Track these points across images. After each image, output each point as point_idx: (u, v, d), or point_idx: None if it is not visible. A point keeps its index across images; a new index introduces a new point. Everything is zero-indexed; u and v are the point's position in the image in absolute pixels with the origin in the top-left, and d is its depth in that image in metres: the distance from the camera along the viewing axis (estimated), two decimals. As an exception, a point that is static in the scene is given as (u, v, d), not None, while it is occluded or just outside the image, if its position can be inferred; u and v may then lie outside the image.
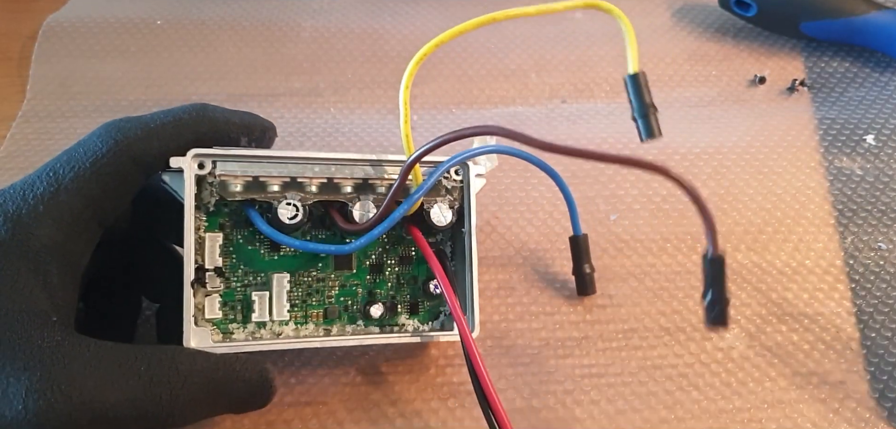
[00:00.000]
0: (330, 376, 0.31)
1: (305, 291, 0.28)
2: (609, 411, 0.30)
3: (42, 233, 0.24)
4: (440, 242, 0.30)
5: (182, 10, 0.47)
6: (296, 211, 0.26)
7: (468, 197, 0.29)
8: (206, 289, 0.27)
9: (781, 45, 0.46)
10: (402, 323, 0.29)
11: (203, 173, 0.26)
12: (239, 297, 0.27)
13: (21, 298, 0.23)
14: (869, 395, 0.31)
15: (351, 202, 0.27)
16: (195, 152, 0.26)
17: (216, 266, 0.27)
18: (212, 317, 0.27)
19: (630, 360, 0.32)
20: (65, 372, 0.22)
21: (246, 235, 0.27)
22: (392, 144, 0.40)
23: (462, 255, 0.29)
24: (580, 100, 0.43)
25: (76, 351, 0.23)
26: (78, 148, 0.25)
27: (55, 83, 0.43)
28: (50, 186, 0.24)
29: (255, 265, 0.28)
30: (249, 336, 0.27)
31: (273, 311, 0.28)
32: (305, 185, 0.27)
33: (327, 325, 0.28)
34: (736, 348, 0.32)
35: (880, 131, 0.41)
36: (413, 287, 0.29)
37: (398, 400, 0.30)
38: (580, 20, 0.49)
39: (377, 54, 0.46)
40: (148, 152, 0.25)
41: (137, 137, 0.25)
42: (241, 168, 0.26)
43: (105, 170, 0.25)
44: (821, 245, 0.36)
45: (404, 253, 0.29)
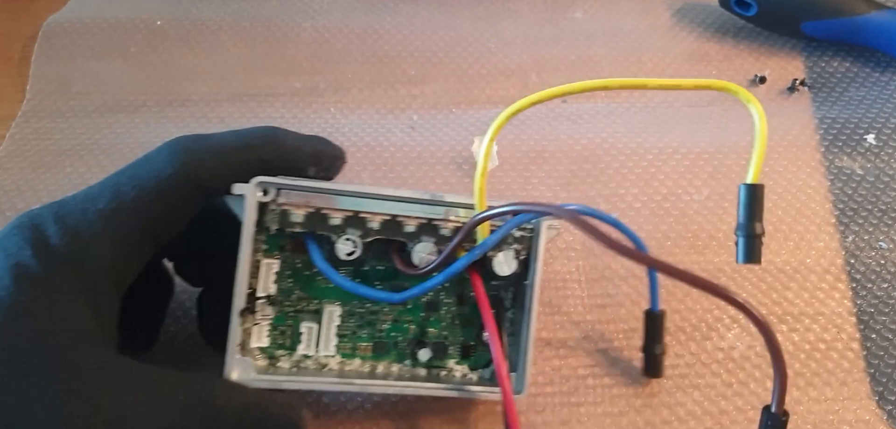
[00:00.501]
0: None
1: (357, 321, 0.27)
2: (611, 411, 0.30)
3: (98, 251, 0.23)
4: (500, 287, 0.28)
5: (182, 10, 0.47)
6: (353, 248, 0.26)
7: (536, 248, 0.27)
8: (254, 317, 0.26)
9: (782, 45, 0.46)
10: (450, 368, 0.28)
11: (266, 200, 0.25)
12: (290, 322, 0.27)
13: (70, 317, 0.22)
14: (869, 396, 0.31)
15: (412, 242, 0.26)
16: (258, 180, 0.25)
17: (269, 294, 0.26)
18: (259, 345, 0.26)
19: (631, 360, 0.32)
20: (108, 399, 0.22)
21: (304, 260, 0.27)
22: (391, 143, 0.40)
23: (522, 305, 0.28)
24: (580, 100, 0.43)
25: (120, 375, 0.22)
26: (143, 165, 0.24)
27: (55, 83, 0.43)
28: (111, 202, 0.23)
29: (311, 292, 0.27)
30: (294, 366, 0.27)
31: (320, 345, 0.27)
32: (367, 220, 0.26)
33: (375, 359, 0.28)
34: (736, 348, 0.32)
35: (881, 131, 0.41)
36: (467, 330, 0.28)
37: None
38: (580, 20, 0.49)
39: (377, 54, 0.46)
40: (214, 177, 0.24)
41: (205, 160, 0.24)
42: (304, 198, 0.25)
43: (169, 192, 0.24)
44: (821, 244, 0.36)
45: (463, 293, 0.28)
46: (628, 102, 0.43)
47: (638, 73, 0.45)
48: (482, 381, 0.28)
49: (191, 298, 0.31)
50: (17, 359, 0.21)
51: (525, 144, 0.40)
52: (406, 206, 0.26)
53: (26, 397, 0.21)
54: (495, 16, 0.49)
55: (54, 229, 0.23)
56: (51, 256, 0.22)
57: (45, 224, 0.23)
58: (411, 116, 0.42)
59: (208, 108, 0.42)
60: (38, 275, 0.22)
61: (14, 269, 0.22)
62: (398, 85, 0.44)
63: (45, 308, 0.22)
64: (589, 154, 0.40)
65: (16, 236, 0.22)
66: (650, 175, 0.38)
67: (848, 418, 0.30)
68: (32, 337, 0.21)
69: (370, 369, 0.28)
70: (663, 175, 0.38)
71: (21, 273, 0.22)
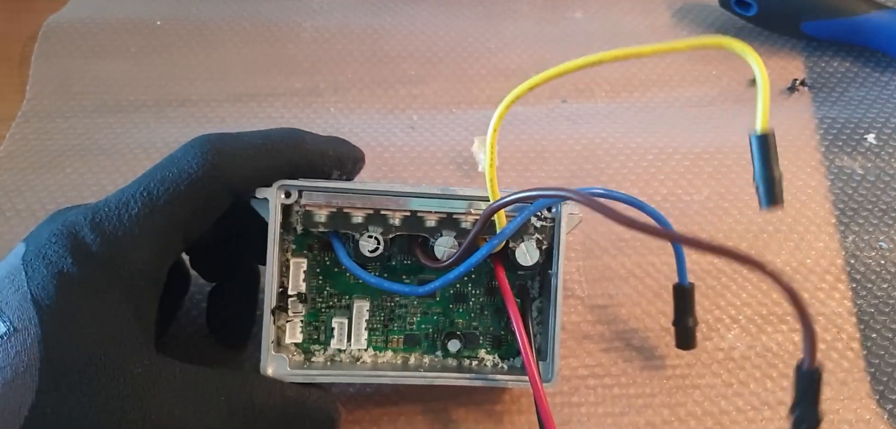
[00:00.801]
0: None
1: (387, 315, 0.28)
2: (611, 411, 0.30)
3: (137, 256, 0.23)
4: (525, 277, 0.28)
5: (182, 10, 0.47)
6: (376, 244, 0.26)
7: (558, 236, 0.27)
8: (287, 315, 0.27)
9: (782, 45, 0.46)
10: (481, 358, 0.28)
11: (289, 203, 0.26)
12: (322, 318, 0.27)
13: (115, 323, 0.22)
14: (869, 395, 0.31)
15: (433, 237, 0.27)
16: (281, 184, 0.25)
17: (299, 291, 0.27)
18: (292, 340, 0.27)
19: (632, 360, 0.32)
20: (155, 402, 0.22)
21: (332, 258, 0.27)
22: (391, 143, 0.40)
23: (548, 294, 0.28)
24: (580, 100, 0.43)
25: (164, 377, 0.23)
26: (171, 166, 0.24)
27: (55, 83, 0.43)
28: (145, 207, 0.24)
29: (340, 288, 0.28)
30: (328, 361, 0.27)
31: (352, 339, 0.28)
32: (388, 217, 0.26)
33: (406, 352, 0.28)
34: (737, 348, 0.32)
35: (881, 130, 0.41)
36: (497, 319, 0.29)
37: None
38: (580, 20, 0.49)
39: (377, 54, 0.46)
40: (241, 177, 0.25)
41: (233, 160, 0.25)
42: (326, 198, 0.26)
43: (198, 192, 0.24)
44: (821, 245, 0.36)
45: (491, 284, 0.28)
46: (628, 102, 0.43)
47: (638, 73, 0.45)
48: (513, 370, 0.28)
49: (198, 291, 0.32)
50: (67, 367, 0.21)
51: (525, 144, 0.40)
52: (425, 202, 0.26)
53: (78, 406, 0.21)
54: (495, 16, 0.49)
55: (92, 236, 0.23)
56: (92, 263, 0.23)
57: (83, 231, 0.23)
58: (411, 116, 0.42)
59: (208, 108, 0.42)
60: (81, 282, 0.22)
61: (57, 277, 0.22)
62: (398, 85, 0.44)
63: (90, 316, 0.22)
64: (589, 154, 0.40)
65: (55, 244, 0.23)
66: (650, 175, 0.38)
67: (848, 418, 0.30)
68: (80, 345, 0.22)
69: (402, 361, 0.28)
70: (663, 175, 0.38)
71: (64, 281, 0.22)
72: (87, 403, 0.21)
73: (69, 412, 0.21)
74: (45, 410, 0.21)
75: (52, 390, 0.21)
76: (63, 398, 0.21)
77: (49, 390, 0.21)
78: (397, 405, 0.30)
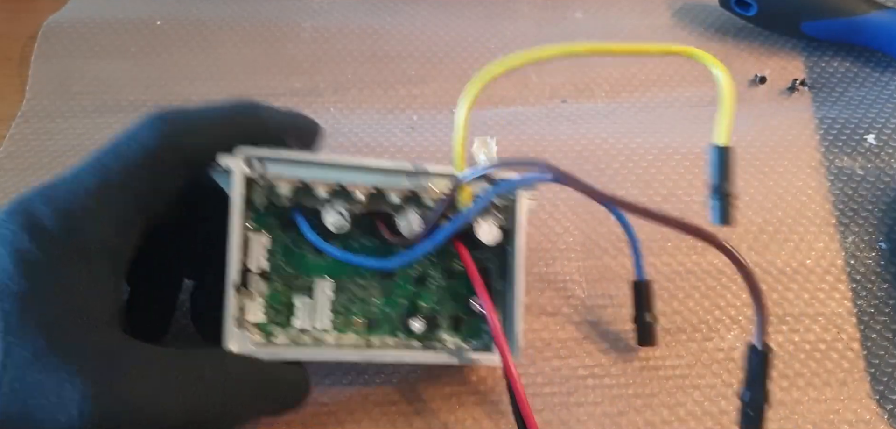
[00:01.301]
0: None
1: (349, 297, 0.28)
2: (611, 411, 0.30)
3: (93, 229, 0.23)
4: (485, 259, 0.29)
5: (182, 10, 0.47)
6: (341, 219, 0.26)
7: (518, 216, 0.28)
8: (249, 291, 0.26)
9: (782, 45, 0.46)
10: (443, 339, 0.29)
11: (252, 175, 0.25)
12: (284, 300, 0.27)
13: (74, 298, 0.22)
14: (870, 396, 0.31)
15: (398, 213, 0.27)
16: (245, 153, 0.25)
17: (261, 269, 0.27)
18: (254, 320, 0.27)
19: (631, 360, 0.32)
20: (118, 377, 0.22)
21: (293, 238, 0.27)
22: (391, 143, 0.40)
23: (508, 273, 0.28)
24: (580, 100, 0.43)
25: (130, 355, 0.22)
26: (125, 141, 0.24)
27: (55, 83, 0.43)
28: (99, 180, 0.23)
29: (301, 268, 0.27)
30: (291, 341, 0.27)
31: (315, 318, 0.27)
32: (353, 193, 0.26)
33: (368, 334, 0.28)
34: (737, 348, 0.32)
35: (881, 131, 0.41)
36: (457, 302, 0.29)
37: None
38: (580, 20, 0.49)
39: (377, 54, 0.46)
40: (195, 146, 0.25)
41: (187, 132, 0.25)
42: (290, 171, 0.26)
43: (153, 164, 0.24)
44: (821, 245, 0.36)
45: (450, 267, 0.29)
46: (628, 102, 0.43)
47: (638, 72, 0.45)
48: (475, 350, 0.29)
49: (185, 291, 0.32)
50: (27, 345, 0.21)
51: (525, 145, 0.40)
52: (390, 177, 0.27)
53: (37, 381, 0.21)
54: (495, 16, 0.48)
55: (46, 212, 0.23)
56: (48, 240, 0.22)
57: (37, 208, 0.23)
58: (411, 116, 0.42)
59: (208, 108, 0.42)
60: (38, 260, 0.22)
61: (14, 255, 0.22)
62: (398, 85, 0.44)
63: (49, 293, 0.22)
64: (589, 154, 0.40)
65: (10, 223, 0.22)
66: (650, 176, 0.38)
67: (848, 418, 0.30)
68: (40, 322, 0.21)
69: (365, 343, 0.28)
70: (663, 176, 0.38)
71: (22, 260, 0.22)
72: (44, 378, 0.21)
73: (29, 388, 0.21)
74: (3, 388, 0.21)
75: (11, 367, 0.21)
76: (21, 376, 0.21)
77: (7, 368, 0.21)
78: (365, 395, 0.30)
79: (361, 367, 0.31)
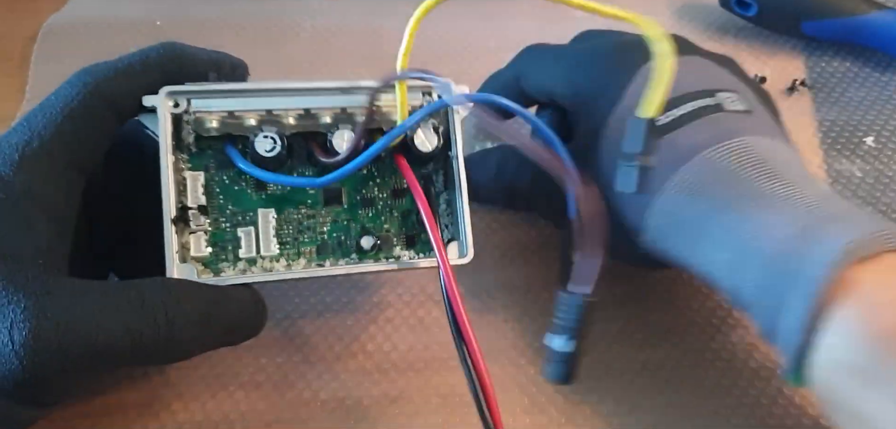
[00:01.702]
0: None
1: (296, 227, 0.28)
2: (610, 411, 0.30)
3: (19, 180, 0.24)
4: (430, 172, 0.29)
5: (182, 11, 0.47)
6: (273, 144, 0.26)
7: (453, 119, 0.28)
8: (190, 227, 0.26)
9: (782, 45, 0.46)
10: (396, 255, 0.29)
11: (178, 112, 0.26)
12: (228, 237, 0.27)
13: (3, 242, 0.23)
14: (869, 396, 0.31)
15: (330, 132, 0.27)
16: (169, 90, 0.25)
17: (199, 204, 0.27)
18: (198, 255, 0.26)
19: (631, 360, 0.32)
20: (54, 305, 0.22)
21: (231, 176, 0.27)
22: (392, 144, 0.40)
23: (452, 182, 0.28)
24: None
25: (63, 286, 0.23)
26: (51, 97, 0.25)
27: (55, 83, 0.42)
28: (24, 135, 0.24)
29: (242, 205, 0.27)
30: (240, 273, 0.27)
31: (260, 246, 0.27)
32: (282, 117, 0.26)
33: (320, 260, 0.28)
34: (737, 348, 0.32)
35: (880, 133, 0.41)
36: (407, 220, 0.29)
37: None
38: (580, 19, 0.48)
39: (377, 54, 0.46)
40: (118, 93, 0.26)
41: (107, 78, 0.25)
42: (217, 104, 0.26)
43: (78, 113, 0.25)
44: (821, 246, 0.36)
45: (397, 185, 0.29)
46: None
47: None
48: (412, 261, 0.29)
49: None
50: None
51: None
52: (319, 97, 0.27)
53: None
54: (495, 16, 0.48)
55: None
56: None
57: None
58: (411, 116, 0.42)
59: (208, 108, 0.42)
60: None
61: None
62: (398, 85, 0.44)
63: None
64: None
65: None
66: (650, 176, 0.38)
67: (847, 420, 0.30)
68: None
69: (317, 268, 0.28)
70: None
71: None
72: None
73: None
74: None
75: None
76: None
77: None
78: (396, 404, 0.30)
79: (361, 361, 0.31)
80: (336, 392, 0.30)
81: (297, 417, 0.30)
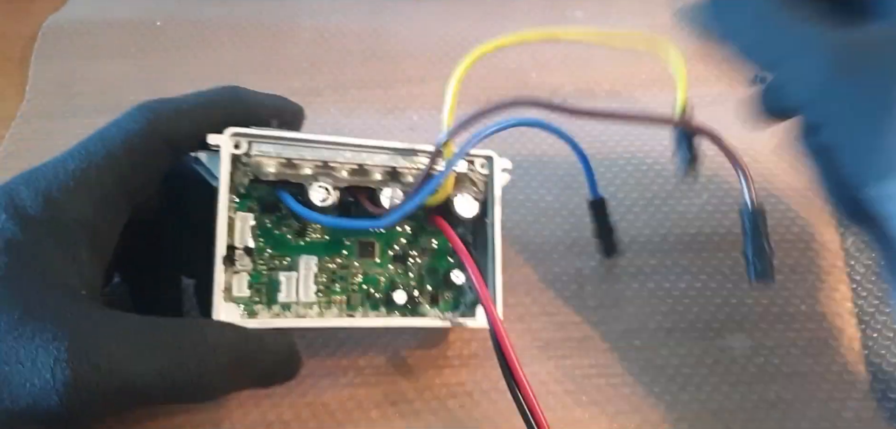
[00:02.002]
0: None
1: (330, 276, 0.28)
2: (610, 411, 0.30)
3: (72, 208, 0.24)
4: (463, 234, 0.30)
5: (182, 11, 0.47)
6: (326, 194, 0.27)
7: (492, 189, 0.29)
8: (235, 267, 0.27)
9: (782, 45, 0.46)
10: (423, 313, 0.29)
11: (238, 153, 0.26)
12: (264, 280, 0.27)
13: (50, 273, 0.23)
14: (870, 396, 0.31)
15: (380, 188, 0.28)
16: (233, 131, 0.26)
17: (246, 246, 0.27)
18: (239, 296, 0.27)
19: (631, 360, 0.32)
20: (93, 342, 0.22)
21: (274, 220, 0.28)
22: (392, 144, 0.40)
23: (484, 247, 0.30)
24: (580, 99, 0.43)
25: (104, 323, 0.23)
26: (111, 127, 0.25)
27: (55, 83, 0.43)
28: (81, 163, 0.24)
29: (282, 249, 0.28)
30: (274, 317, 0.27)
31: (299, 292, 0.28)
32: (337, 169, 0.27)
33: (350, 310, 0.28)
34: (737, 348, 0.32)
35: (881, 131, 0.41)
36: (434, 279, 0.30)
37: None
38: (580, 20, 0.49)
39: (377, 54, 0.46)
40: (179, 132, 0.26)
41: (170, 117, 0.26)
42: (276, 150, 0.27)
43: (137, 148, 0.25)
44: (821, 245, 0.36)
45: (427, 245, 0.30)
46: (628, 103, 0.43)
47: (638, 72, 0.45)
48: (451, 319, 0.29)
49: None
50: (4, 318, 0.22)
51: (525, 148, 0.40)
52: (373, 154, 0.28)
53: (14, 351, 0.21)
54: (495, 16, 0.48)
55: (27, 194, 0.24)
56: (27, 219, 0.23)
57: (18, 192, 0.24)
58: (411, 116, 0.42)
59: (208, 108, 0.42)
60: (16, 238, 0.23)
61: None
62: (398, 85, 0.44)
63: (26, 269, 0.23)
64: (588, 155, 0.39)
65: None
66: (650, 179, 0.38)
67: (848, 418, 0.30)
68: (16, 297, 0.22)
69: (347, 317, 0.28)
70: (663, 179, 0.38)
71: (1, 240, 0.23)
72: (18, 347, 0.21)
73: (4, 356, 0.21)
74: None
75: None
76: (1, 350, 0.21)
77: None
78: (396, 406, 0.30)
79: (361, 367, 0.31)
80: (337, 393, 0.30)
81: (298, 417, 0.30)
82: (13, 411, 0.21)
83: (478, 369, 0.31)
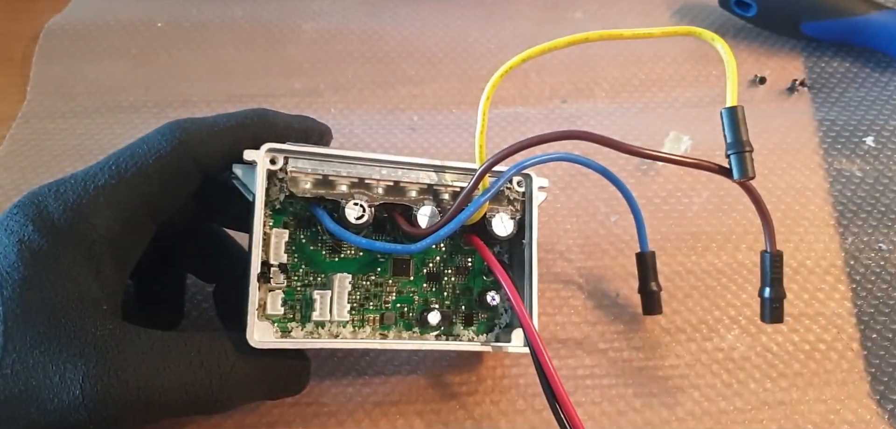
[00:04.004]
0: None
1: (363, 295, 0.28)
2: (610, 411, 0.30)
3: (99, 223, 0.24)
4: (498, 253, 0.29)
5: (182, 12, 0.48)
6: (362, 211, 0.26)
7: (530, 209, 0.29)
8: (270, 285, 0.27)
9: (781, 45, 0.46)
10: (457, 334, 0.29)
11: (274, 169, 0.26)
12: (299, 296, 0.27)
13: (75, 287, 0.23)
14: (870, 396, 0.31)
15: (416, 206, 0.27)
16: (269, 147, 0.26)
17: (281, 262, 0.27)
18: (273, 313, 0.27)
19: (631, 361, 0.32)
20: (120, 359, 0.22)
21: (309, 236, 0.27)
22: (392, 144, 0.40)
23: (520, 266, 0.29)
24: (580, 100, 0.43)
25: (129, 339, 0.23)
26: (141, 144, 0.25)
27: (56, 84, 0.43)
28: (111, 179, 0.24)
29: (317, 266, 0.28)
30: (308, 336, 0.27)
31: (333, 310, 0.27)
32: (372, 186, 0.27)
33: (383, 330, 0.28)
34: (737, 348, 0.32)
35: (880, 133, 0.41)
36: (468, 299, 0.29)
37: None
38: (580, 20, 0.49)
39: (377, 55, 0.46)
40: (209, 153, 0.26)
41: (200, 138, 0.26)
42: (312, 166, 0.26)
43: (166, 168, 0.25)
44: (821, 246, 0.36)
45: (461, 264, 0.29)
46: (628, 103, 0.43)
47: (638, 72, 0.45)
48: (488, 342, 0.29)
49: (199, 291, 0.32)
50: (28, 330, 0.22)
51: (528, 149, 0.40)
52: (409, 171, 0.27)
53: (38, 364, 0.22)
54: (495, 16, 0.49)
55: (55, 205, 0.24)
56: (53, 231, 0.23)
57: (46, 201, 0.24)
58: (412, 116, 0.42)
59: (208, 109, 0.42)
60: (41, 249, 0.23)
61: (18, 245, 0.23)
62: (399, 86, 0.44)
63: (51, 281, 0.23)
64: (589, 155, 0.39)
65: (18, 215, 0.23)
66: (650, 178, 0.38)
67: (848, 418, 0.30)
68: (41, 308, 0.22)
69: (381, 337, 0.28)
70: (663, 178, 0.38)
71: (25, 249, 0.23)
72: (46, 361, 0.22)
73: (31, 370, 0.22)
74: (5, 370, 0.22)
75: (12, 351, 0.22)
76: (22, 358, 0.22)
77: (8, 351, 0.22)
78: (397, 406, 0.30)
79: (363, 367, 0.31)
80: (338, 395, 0.30)
81: (299, 417, 0.30)
82: (40, 425, 0.22)
83: (479, 368, 0.31)
